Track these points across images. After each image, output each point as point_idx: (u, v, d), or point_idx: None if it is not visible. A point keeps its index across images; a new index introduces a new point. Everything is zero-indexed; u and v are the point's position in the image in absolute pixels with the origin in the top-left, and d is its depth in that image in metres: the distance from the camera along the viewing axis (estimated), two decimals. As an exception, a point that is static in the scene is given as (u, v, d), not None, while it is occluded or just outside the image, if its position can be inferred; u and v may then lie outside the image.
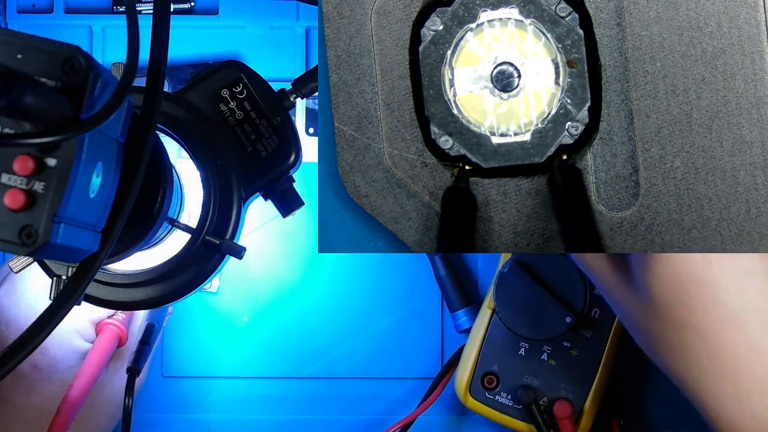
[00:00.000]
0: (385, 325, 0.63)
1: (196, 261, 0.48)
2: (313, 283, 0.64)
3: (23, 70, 0.33)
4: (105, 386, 0.57)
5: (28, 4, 0.64)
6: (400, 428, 0.58)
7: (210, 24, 0.64)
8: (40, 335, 0.35)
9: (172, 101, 0.49)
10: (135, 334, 0.57)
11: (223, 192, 0.48)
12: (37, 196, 0.34)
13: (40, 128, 0.33)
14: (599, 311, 0.56)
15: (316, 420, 0.63)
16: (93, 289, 0.48)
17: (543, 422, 0.55)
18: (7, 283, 0.56)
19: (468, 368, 0.57)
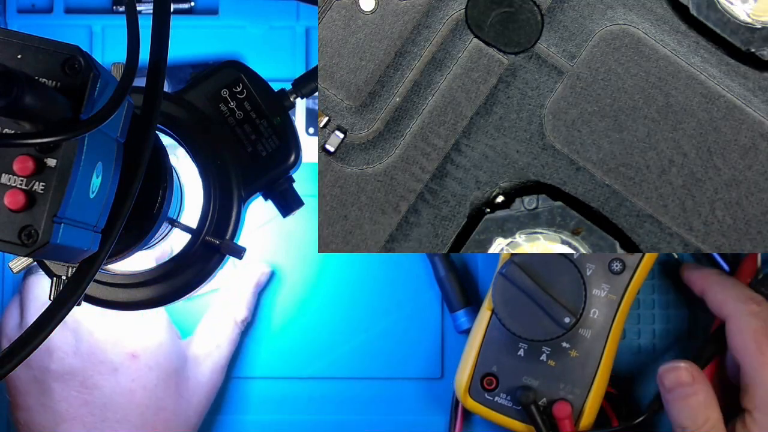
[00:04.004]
0: (385, 325, 0.63)
1: (196, 261, 0.48)
2: (313, 283, 0.64)
3: (23, 70, 0.33)
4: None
5: (28, 4, 0.64)
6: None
7: (210, 24, 0.64)
8: (39, 336, 0.35)
9: (172, 101, 0.49)
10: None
11: (223, 192, 0.48)
12: (37, 197, 0.34)
13: (40, 128, 0.33)
14: (598, 311, 0.56)
15: (316, 420, 0.63)
16: (93, 289, 0.48)
17: (542, 423, 0.55)
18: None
19: (467, 369, 0.57)
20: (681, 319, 0.62)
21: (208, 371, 0.59)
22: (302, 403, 0.63)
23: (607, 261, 0.56)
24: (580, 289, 0.55)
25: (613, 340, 0.57)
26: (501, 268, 0.56)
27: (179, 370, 0.58)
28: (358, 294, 0.63)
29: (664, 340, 0.62)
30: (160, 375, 0.56)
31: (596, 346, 0.56)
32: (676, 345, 0.62)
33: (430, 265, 0.63)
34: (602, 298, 0.56)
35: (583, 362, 0.56)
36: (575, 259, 0.55)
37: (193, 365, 0.59)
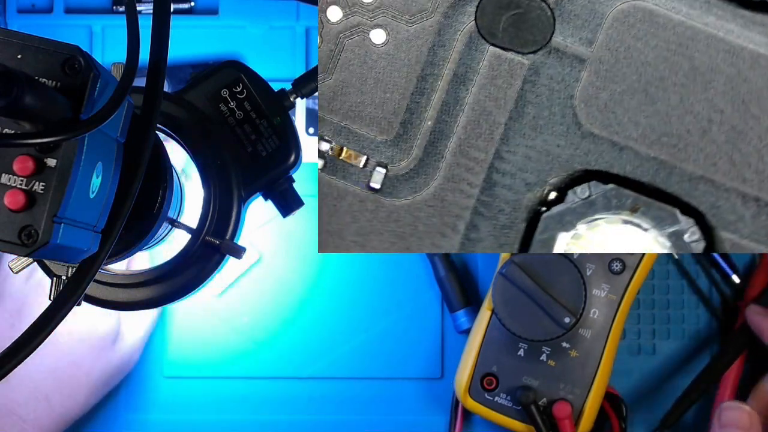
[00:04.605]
0: (385, 325, 0.63)
1: (196, 261, 0.48)
2: (313, 283, 0.64)
3: (23, 70, 0.33)
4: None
5: (28, 4, 0.64)
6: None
7: (210, 24, 0.64)
8: (39, 336, 0.35)
9: (172, 101, 0.49)
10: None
11: (223, 192, 0.48)
12: (37, 197, 0.34)
13: (40, 128, 0.33)
14: (598, 311, 0.56)
15: (316, 420, 0.63)
16: (93, 289, 0.48)
17: (542, 423, 0.55)
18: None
19: (467, 369, 0.57)
20: (681, 319, 0.62)
21: (129, 346, 0.59)
22: (302, 403, 0.63)
23: (607, 261, 0.56)
24: (580, 289, 0.55)
25: (613, 340, 0.57)
26: (501, 268, 0.56)
27: (108, 333, 0.58)
28: (358, 294, 0.63)
29: (664, 340, 0.62)
30: (90, 329, 0.57)
31: (596, 346, 0.56)
32: (676, 345, 0.62)
33: (430, 265, 0.63)
34: (602, 298, 0.56)
35: (583, 362, 0.56)
36: (575, 259, 0.55)
37: (123, 339, 0.59)
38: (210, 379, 0.63)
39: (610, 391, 0.58)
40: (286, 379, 0.63)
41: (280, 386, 0.63)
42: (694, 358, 0.62)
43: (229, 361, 0.63)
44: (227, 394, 0.63)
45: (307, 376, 0.63)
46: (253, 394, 0.63)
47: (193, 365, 0.63)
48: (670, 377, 0.62)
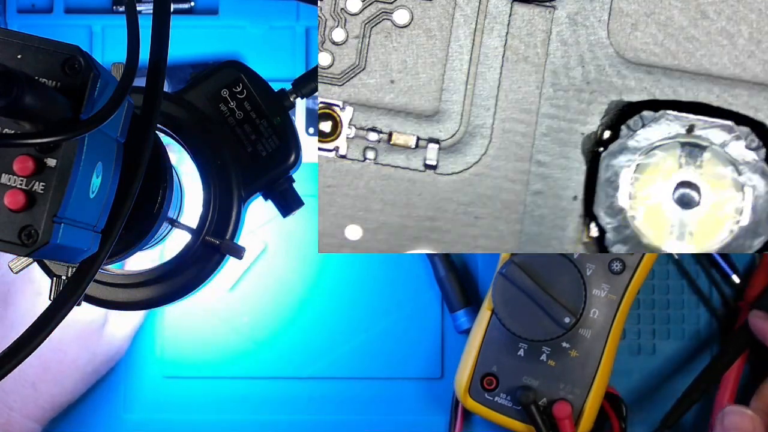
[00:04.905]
0: (385, 325, 0.63)
1: (196, 261, 0.48)
2: (313, 283, 0.64)
3: (23, 70, 0.33)
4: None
5: (28, 4, 0.64)
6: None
7: (210, 24, 0.64)
8: (39, 336, 0.35)
9: (172, 101, 0.49)
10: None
11: (223, 192, 0.48)
12: (37, 197, 0.34)
13: (40, 128, 0.33)
14: (598, 311, 0.56)
15: (316, 420, 0.63)
16: (93, 289, 0.48)
17: (542, 423, 0.55)
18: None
19: (467, 369, 0.57)
20: (681, 319, 0.62)
21: (117, 333, 0.59)
22: (302, 403, 0.63)
23: (607, 261, 0.56)
24: (580, 289, 0.55)
25: (613, 340, 0.57)
26: (501, 268, 0.56)
27: (95, 319, 0.58)
28: (358, 294, 0.63)
29: (664, 340, 0.62)
30: (76, 316, 0.57)
31: (596, 346, 0.56)
32: (676, 345, 0.62)
33: (430, 265, 0.63)
34: (602, 298, 0.56)
35: (583, 362, 0.56)
36: (575, 259, 0.55)
37: (110, 326, 0.59)
38: (210, 379, 0.63)
39: (610, 391, 0.58)
40: (286, 379, 0.63)
41: (280, 386, 0.63)
42: (694, 358, 0.62)
43: (229, 361, 0.63)
44: (227, 394, 0.63)
45: (307, 376, 0.63)
46: (253, 394, 0.63)
47: (193, 365, 0.63)
48: (670, 377, 0.62)
